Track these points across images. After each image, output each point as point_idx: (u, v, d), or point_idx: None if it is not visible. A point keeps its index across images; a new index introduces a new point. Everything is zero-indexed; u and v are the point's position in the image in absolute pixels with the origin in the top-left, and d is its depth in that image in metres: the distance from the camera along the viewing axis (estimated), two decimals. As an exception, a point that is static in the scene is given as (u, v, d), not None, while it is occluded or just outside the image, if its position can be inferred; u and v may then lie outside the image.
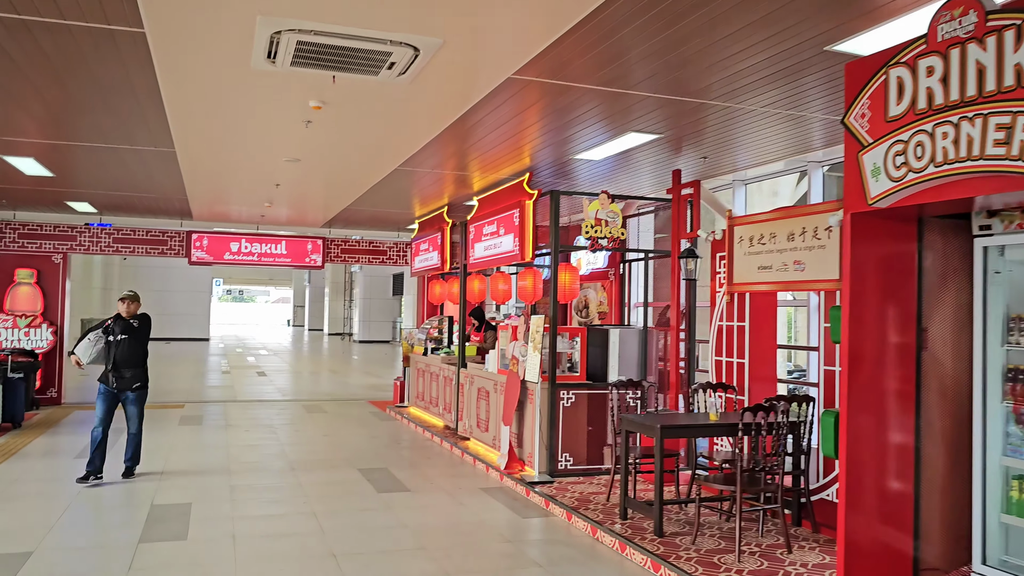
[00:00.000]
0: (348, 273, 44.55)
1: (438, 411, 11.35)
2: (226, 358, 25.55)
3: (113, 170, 9.34)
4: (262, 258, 14.37)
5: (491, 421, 8.96)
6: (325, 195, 11.20)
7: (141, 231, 13.88)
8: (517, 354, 8.02)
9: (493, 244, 9.10)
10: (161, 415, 12.26)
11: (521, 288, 9.17)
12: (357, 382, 18.55)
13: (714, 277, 7.35)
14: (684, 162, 7.85)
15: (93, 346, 7.81)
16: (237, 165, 8.97)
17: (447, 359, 11.16)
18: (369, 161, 8.57)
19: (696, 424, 5.94)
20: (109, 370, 7.78)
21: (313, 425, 11.65)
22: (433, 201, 11.33)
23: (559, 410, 7.75)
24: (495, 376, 8.88)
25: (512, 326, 8.36)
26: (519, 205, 8.29)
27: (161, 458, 8.84)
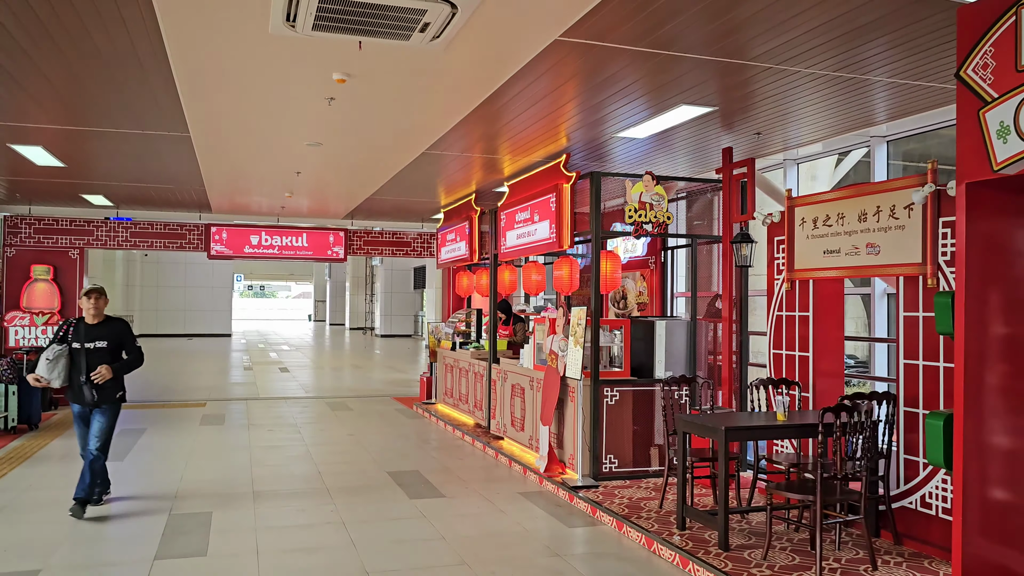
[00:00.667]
0: (369, 267, 44.22)
1: (468, 408, 10.85)
2: (248, 354, 25.23)
3: (126, 160, 8.90)
4: (283, 251, 13.93)
5: (527, 420, 8.43)
6: (348, 184, 10.71)
7: (159, 224, 13.48)
8: (556, 349, 7.48)
9: (526, 232, 8.56)
10: (183, 414, 11.86)
11: (556, 278, 8.62)
12: (381, 377, 18.11)
13: (771, 263, 6.76)
14: (735, 139, 7.26)
15: (55, 365, 6.12)
16: (256, 151, 8.48)
17: (477, 354, 10.65)
18: (395, 144, 8.05)
19: (765, 426, 5.37)
20: (83, 383, 6.19)
21: (338, 424, 11.19)
22: (460, 188, 10.80)
23: (603, 409, 7.21)
24: (531, 372, 8.36)
25: (550, 319, 7.82)
26: (555, 189, 7.74)
27: (181, 461, 8.40)
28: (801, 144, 7.41)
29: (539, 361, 8.17)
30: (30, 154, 8.45)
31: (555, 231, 7.77)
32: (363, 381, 17.36)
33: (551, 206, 7.85)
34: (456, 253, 11.46)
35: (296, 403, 13.37)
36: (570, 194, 7.60)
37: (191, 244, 13.64)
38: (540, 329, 8.16)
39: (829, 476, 4.74)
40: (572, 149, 7.86)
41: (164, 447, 9.29)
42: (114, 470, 7.89)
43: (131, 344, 6.50)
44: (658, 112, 6.40)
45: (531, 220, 8.42)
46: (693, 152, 7.98)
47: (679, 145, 7.66)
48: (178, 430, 10.45)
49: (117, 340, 6.37)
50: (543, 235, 8.08)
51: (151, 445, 9.41)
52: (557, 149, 7.98)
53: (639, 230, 7.25)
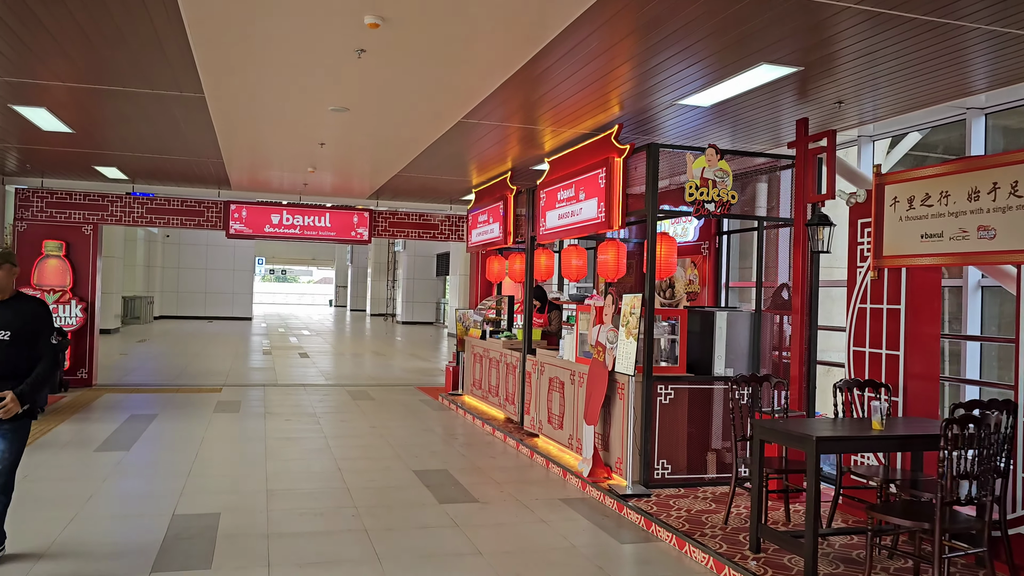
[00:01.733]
0: (391, 253, 43.67)
1: (498, 401, 10.14)
2: (268, 338, 24.71)
3: (138, 126, 8.24)
4: (305, 231, 13.27)
5: (567, 417, 7.71)
6: (374, 158, 10.00)
7: (176, 201, 12.85)
8: (603, 340, 6.74)
9: (570, 212, 7.81)
10: (197, 400, 11.26)
11: (601, 263, 7.86)
12: (403, 365, 17.46)
13: (853, 249, 5.97)
14: (812, 109, 6.46)
15: None
16: (276, 118, 7.79)
17: (509, 344, 9.93)
18: (428, 112, 7.32)
19: (863, 436, 4.59)
20: None
21: (359, 414, 10.53)
22: (495, 166, 10.06)
23: (655, 408, 6.46)
24: (572, 365, 7.62)
25: (596, 307, 7.08)
26: (606, 163, 6.97)
27: (190, 453, 7.76)
28: (888, 115, 6.59)
29: (582, 353, 7.43)
30: (34, 117, 7.80)
31: (604, 210, 7.01)
32: (385, 369, 16.71)
33: (600, 182, 7.09)
34: (488, 236, 10.73)
35: (315, 391, 12.74)
36: (622, 169, 6.84)
37: (209, 222, 13.02)
38: (584, 318, 7.42)
39: (947, 499, 3.96)
40: (627, 119, 7.10)
41: (174, 436, 8.66)
42: (117, 461, 7.29)
43: (46, 338, 4.57)
44: (731, 73, 5.61)
45: (575, 198, 7.66)
46: (758, 125, 7.18)
47: (744, 116, 6.87)
48: (191, 417, 9.83)
49: (27, 329, 4.50)
50: (589, 215, 7.33)
51: (160, 433, 8.79)
52: (607, 119, 7.22)
53: (700, 210, 6.48)
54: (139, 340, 22.06)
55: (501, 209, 10.10)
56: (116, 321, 24.74)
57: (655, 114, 6.99)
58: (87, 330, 12.29)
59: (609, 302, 6.75)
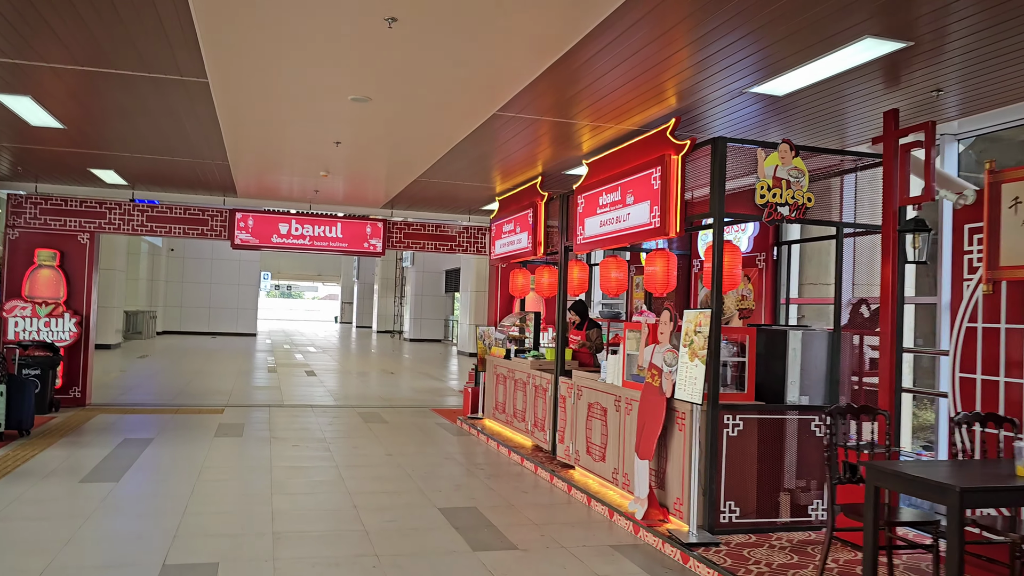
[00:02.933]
0: (399, 269, 42.92)
1: (524, 427, 9.28)
2: (273, 355, 23.87)
3: (135, 119, 7.46)
4: (314, 242, 12.47)
5: (610, 448, 6.85)
6: (393, 161, 9.21)
7: (179, 209, 12.07)
8: (659, 363, 5.90)
9: (615, 217, 6.99)
10: (197, 422, 10.41)
11: (648, 276, 7.05)
12: (414, 385, 16.60)
13: (958, 259, 5.15)
14: (905, 98, 5.66)
15: None
16: (288, 106, 7.00)
17: (538, 364, 9.09)
18: (459, 101, 6.52)
19: (1016, 488, 3.72)
20: None
21: (373, 440, 9.67)
22: (523, 170, 9.26)
23: (722, 441, 5.61)
24: (617, 390, 6.77)
25: (648, 325, 6.24)
26: (661, 162, 6.16)
27: (187, 484, 6.91)
28: (990, 106, 5.77)
29: (631, 377, 6.59)
30: (19, 107, 7.03)
31: (658, 215, 6.19)
32: (396, 389, 15.85)
33: (652, 183, 6.27)
34: (515, 247, 9.90)
35: (324, 412, 11.89)
36: (680, 167, 6.03)
37: (213, 231, 12.23)
38: (632, 337, 6.58)
39: None
40: (687, 111, 6.30)
41: (170, 464, 7.82)
42: (104, 495, 6.44)
43: None
44: (824, 51, 4.80)
45: (621, 203, 6.84)
46: (827, 120, 6.37)
47: (817, 108, 6.07)
48: (189, 442, 8.99)
49: None
50: (640, 220, 6.51)
51: (155, 461, 7.94)
52: (660, 113, 6.43)
53: (773, 214, 5.65)
54: (140, 356, 21.25)
55: (530, 217, 9.28)
56: (117, 336, 23.95)
57: (714, 107, 6.19)
58: (81, 346, 11.47)
59: (666, 319, 5.92)
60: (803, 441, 5.81)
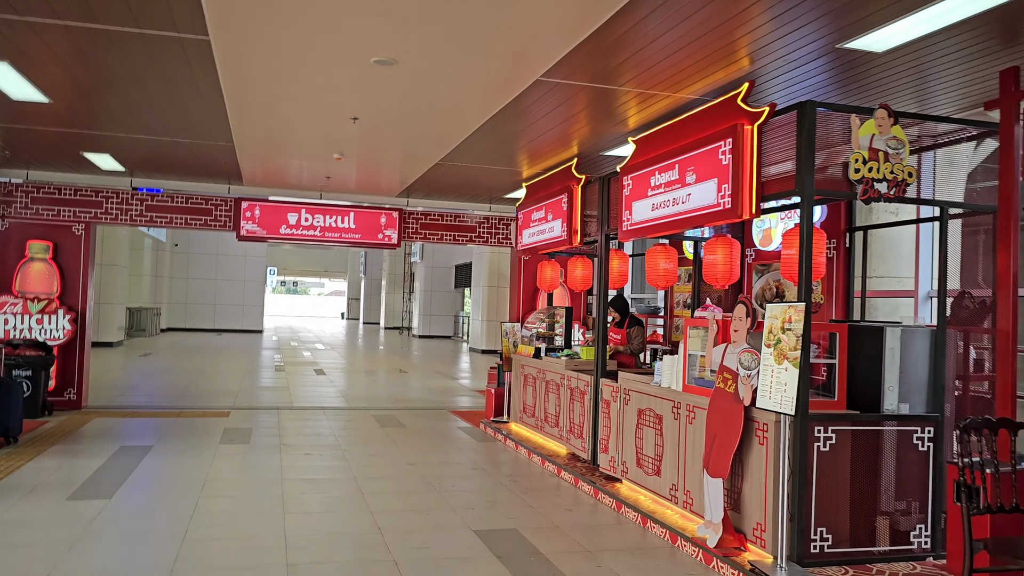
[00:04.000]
0: (408, 264, 42.14)
1: (557, 433, 8.48)
2: (280, 352, 23.11)
3: (128, 91, 6.65)
4: (326, 233, 11.66)
5: (667, 461, 6.04)
6: (414, 141, 8.38)
7: (180, 198, 11.27)
8: (733, 365, 5.08)
9: (671, 199, 6.16)
10: (202, 427, 9.63)
11: (708, 265, 6.23)
12: (428, 384, 15.80)
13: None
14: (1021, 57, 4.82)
15: None
16: (301, 73, 6.19)
17: (573, 364, 8.28)
18: (498, 62, 5.70)
19: None
20: None
21: (391, 446, 8.88)
22: (555, 151, 8.43)
23: (812, 458, 4.79)
24: (676, 395, 5.95)
25: (716, 320, 5.42)
26: (732, 133, 5.33)
27: (189, 502, 6.12)
28: None
29: (694, 381, 5.77)
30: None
31: (728, 194, 5.36)
32: (410, 389, 15.05)
33: (721, 158, 5.44)
34: (546, 236, 9.07)
35: (336, 415, 11.09)
36: (756, 139, 5.20)
37: (218, 222, 11.42)
38: (696, 335, 5.75)
39: None
40: (755, 76, 5.47)
41: (170, 477, 7.04)
42: (95, 515, 5.65)
43: None
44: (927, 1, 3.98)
45: (680, 182, 6.02)
46: (934, 79, 5.51)
47: (914, 68, 5.22)
48: (192, 450, 8.21)
49: None
50: (703, 201, 5.68)
51: (153, 473, 7.16)
52: (728, 78, 5.59)
53: (869, 191, 4.83)
54: (142, 354, 20.50)
55: (564, 203, 8.45)
56: (119, 333, 23.20)
57: (791, 70, 5.36)
58: (76, 344, 10.69)
59: (741, 314, 5.09)
60: (903, 456, 4.98)
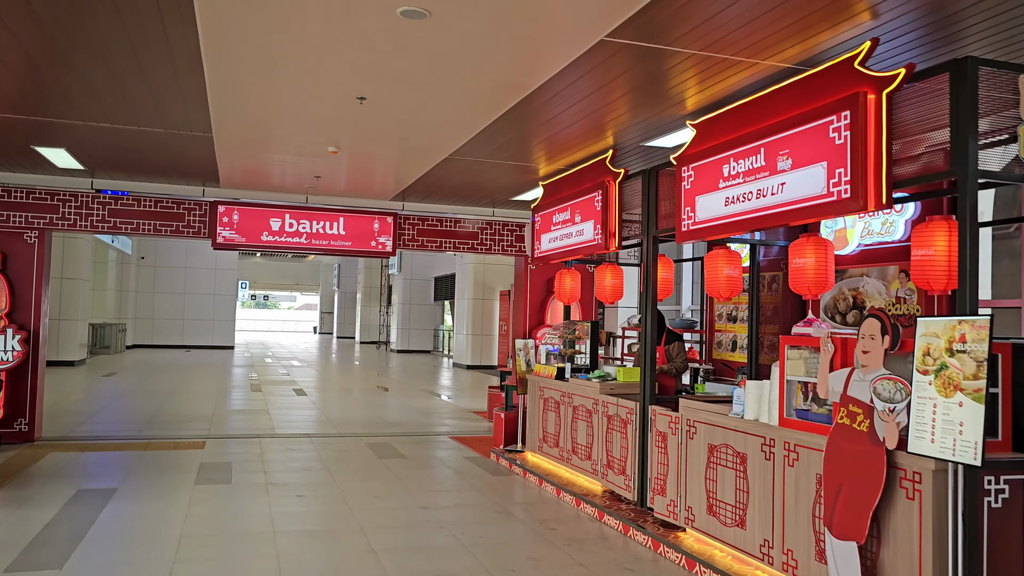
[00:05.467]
0: (384, 276, 40.83)
1: (590, 468, 7.35)
2: (255, 370, 21.71)
3: (86, 62, 5.45)
4: (313, 240, 10.45)
5: (755, 511, 4.93)
6: (430, 125, 7.25)
7: (148, 201, 10.00)
8: (865, 397, 3.99)
9: (752, 191, 5.08)
10: (173, 462, 8.36)
11: (796, 271, 5.15)
12: (418, 405, 14.57)
13: None
14: None
15: None
16: (307, 18, 5.04)
17: (609, 388, 7.18)
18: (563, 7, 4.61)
19: None
20: None
21: (395, 483, 7.68)
22: (584, 142, 7.35)
23: (982, 517, 3.71)
24: (768, 430, 4.85)
25: (833, 339, 4.34)
26: (850, 104, 4.26)
27: (162, 572, 4.88)
28: None
29: (794, 413, 4.68)
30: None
31: (845, 181, 4.29)
32: (401, 410, 13.81)
33: (834, 137, 4.37)
34: (573, 240, 7.95)
35: (326, 444, 9.85)
36: (886, 110, 4.13)
37: (191, 228, 10.16)
38: (797, 357, 4.66)
39: None
40: (883, 31, 4.42)
41: (136, 532, 5.79)
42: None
43: None
44: None
45: (766, 169, 4.94)
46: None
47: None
48: (163, 493, 6.95)
49: None
50: (805, 191, 4.60)
51: (117, 528, 5.90)
52: (836, 37, 4.55)
53: (1043, 173, 3.78)
54: (106, 374, 19.01)
55: (597, 201, 7.34)
56: (82, 352, 21.64)
57: (944, 17, 4.33)
58: (29, 367, 9.36)
59: (875, 331, 4.01)
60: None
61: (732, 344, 7.86)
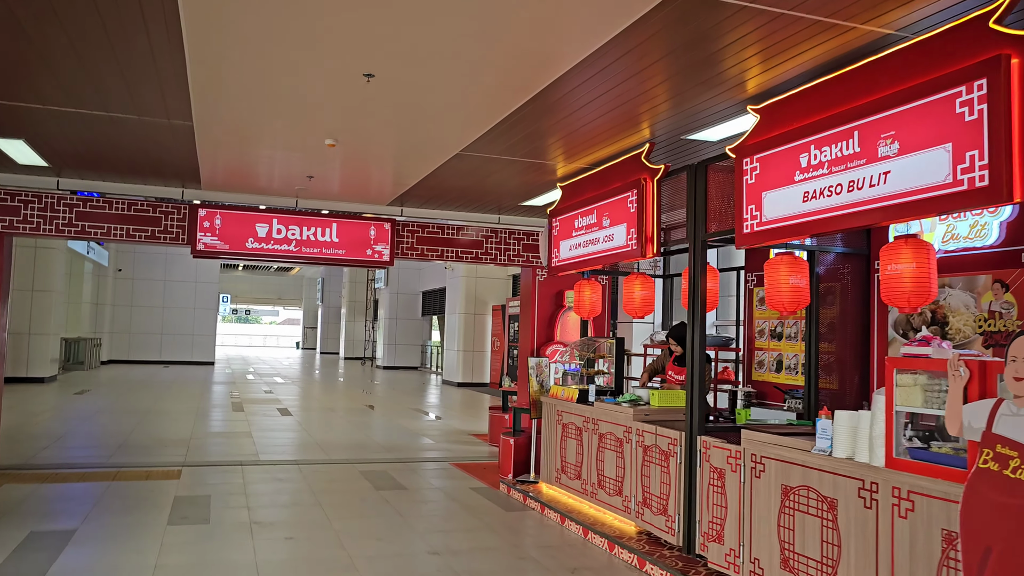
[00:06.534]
0: (370, 291, 39.82)
1: (620, 504, 6.46)
2: (236, 387, 20.64)
3: (47, 30, 4.55)
4: (303, 248, 9.52)
5: (848, 570, 4.05)
6: (444, 112, 6.39)
7: (121, 203, 9.04)
8: (1021, 437, 3.14)
9: (843, 183, 4.25)
10: (145, 495, 7.39)
11: (890, 280, 4.31)
12: (412, 426, 13.62)
13: None
14: None
15: None
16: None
17: (643, 413, 6.31)
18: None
19: None
20: None
21: (399, 522, 6.75)
22: (612, 137, 6.51)
23: None
24: (869, 472, 3.99)
25: (967, 363, 3.49)
26: (990, 69, 3.43)
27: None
28: None
29: (907, 453, 3.81)
30: None
31: (984, 166, 3.46)
32: (393, 432, 12.84)
33: (966, 111, 3.54)
34: (600, 247, 7.08)
35: (315, 472, 8.90)
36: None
37: (168, 234, 9.19)
38: (912, 384, 3.80)
39: None
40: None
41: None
42: None
43: None
44: None
45: (861, 156, 4.11)
46: None
47: None
48: (130, 536, 5.99)
49: None
50: (926, 179, 3.76)
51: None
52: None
53: None
54: (78, 391, 17.90)
55: (631, 202, 6.48)
56: (53, 367, 20.49)
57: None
58: (-17, 387, 8.36)
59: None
60: None
61: (777, 364, 7.02)
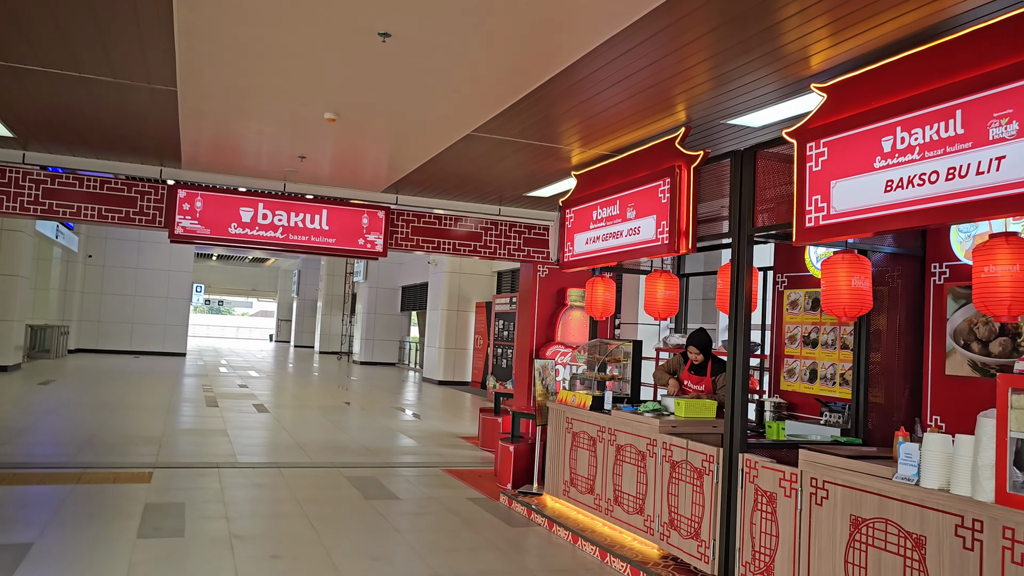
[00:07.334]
0: (349, 284, 39.02)
1: (640, 523, 5.87)
2: (209, 380, 19.82)
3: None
4: (290, 235, 8.83)
5: (942, 618, 3.50)
6: (457, 89, 5.75)
7: (93, 182, 8.29)
8: None
9: (941, 169, 3.68)
10: (112, 501, 6.69)
11: (983, 284, 3.76)
12: (396, 426, 12.96)
13: None
14: None
15: None
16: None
17: (670, 425, 5.72)
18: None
19: None
20: None
21: (395, 538, 6.12)
22: (640, 121, 5.91)
23: None
24: (970, 507, 3.42)
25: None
26: None
27: None
28: None
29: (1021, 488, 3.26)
30: None
31: None
32: (378, 432, 12.17)
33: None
34: (623, 240, 6.47)
35: (299, 476, 8.23)
36: None
37: (144, 215, 8.46)
38: None
39: None
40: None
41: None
42: None
43: None
44: None
45: (966, 139, 3.54)
46: None
47: None
48: (94, 551, 5.30)
49: None
50: (1046, 168, 3.21)
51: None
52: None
53: None
54: (42, 381, 17.00)
55: (663, 191, 5.89)
56: (17, 355, 19.54)
57: None
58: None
59: None
60: None
61: (810, 373, 6.46)
